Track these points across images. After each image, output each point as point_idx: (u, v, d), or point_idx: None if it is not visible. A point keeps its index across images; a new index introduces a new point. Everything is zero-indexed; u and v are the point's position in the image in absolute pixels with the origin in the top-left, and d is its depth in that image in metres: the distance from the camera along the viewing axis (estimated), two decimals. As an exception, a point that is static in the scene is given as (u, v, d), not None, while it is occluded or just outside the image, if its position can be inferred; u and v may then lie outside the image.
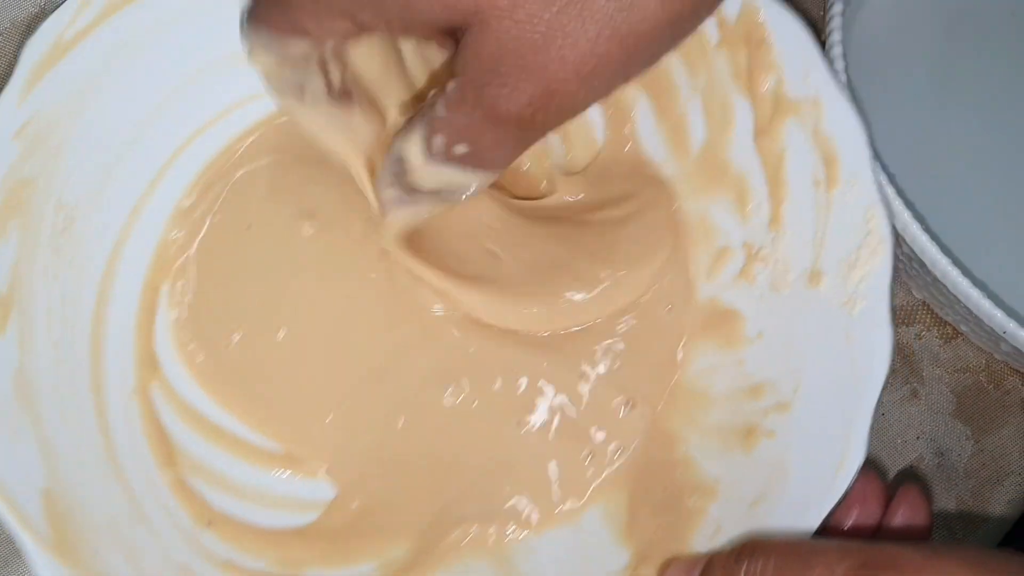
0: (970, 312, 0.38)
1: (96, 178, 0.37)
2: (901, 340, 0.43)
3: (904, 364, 0.43)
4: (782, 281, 0.37)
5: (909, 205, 0.37)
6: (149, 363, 0.38)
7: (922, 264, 0.38)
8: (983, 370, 0.43)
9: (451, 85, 0.28)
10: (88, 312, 0.37)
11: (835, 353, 0.36)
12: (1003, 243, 0.42)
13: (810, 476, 0.35)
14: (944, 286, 0.38)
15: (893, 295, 0.35)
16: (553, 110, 0.27)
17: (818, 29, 0.39)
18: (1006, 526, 0.42)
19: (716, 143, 0.38)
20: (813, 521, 0.34)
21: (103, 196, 0.38)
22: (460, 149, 0.29)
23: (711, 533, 0.36)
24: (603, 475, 0.38)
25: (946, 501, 0.42)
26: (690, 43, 0.36)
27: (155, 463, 0.37)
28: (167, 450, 0.37)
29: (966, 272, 0.37)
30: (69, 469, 0.35)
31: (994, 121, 0.44)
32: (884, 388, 0.42)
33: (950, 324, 0.43)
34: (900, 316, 0.43)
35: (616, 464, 0.38)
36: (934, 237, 0.37)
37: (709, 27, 0.37)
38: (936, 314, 0.43)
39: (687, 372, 0.39)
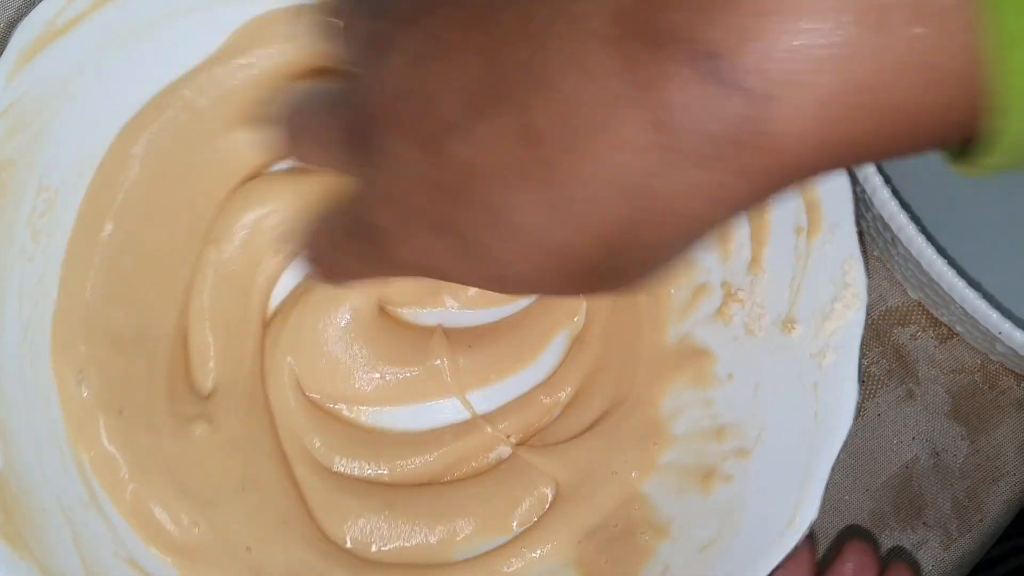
0: (966, 313, 0.38)
1: (81, 163, 0.37)
2: (897, 341, 0.43)
3: (900, 365, 0.43)
4: (756, 325, 0.37)
5: (905, 206, 0.37)
6: None
7: (918, 265, 0.38)
8: (978, 370, 0.43)
9: None
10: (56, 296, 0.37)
11: (801, 404, 0.36)
12: (998, 244, 0.42)
13: (762, 527, 0.35)
14: (940, 287, 0.38)
15: (863, 353, 0.36)
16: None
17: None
18: (1001, 526, 0.42)
19: None
20: (760, 573, 0.34)
21: (86, 182, 0.37)
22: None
23: (659, 572, 0.36)
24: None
25: (941, 501, 0.42)
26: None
27: None
28: None
29: (962, 273, 0.37)
30: (24, 450, 0.35)
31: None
32: (880, 389, 0.42)
33: (945, 325, 0.43)
34: (896, 317, 0.43)
35: None
36: (930, 239, 0.37)
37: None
38: (931, 315, 0.43)
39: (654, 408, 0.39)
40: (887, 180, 0.37)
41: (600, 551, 0.37)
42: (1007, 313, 0.37)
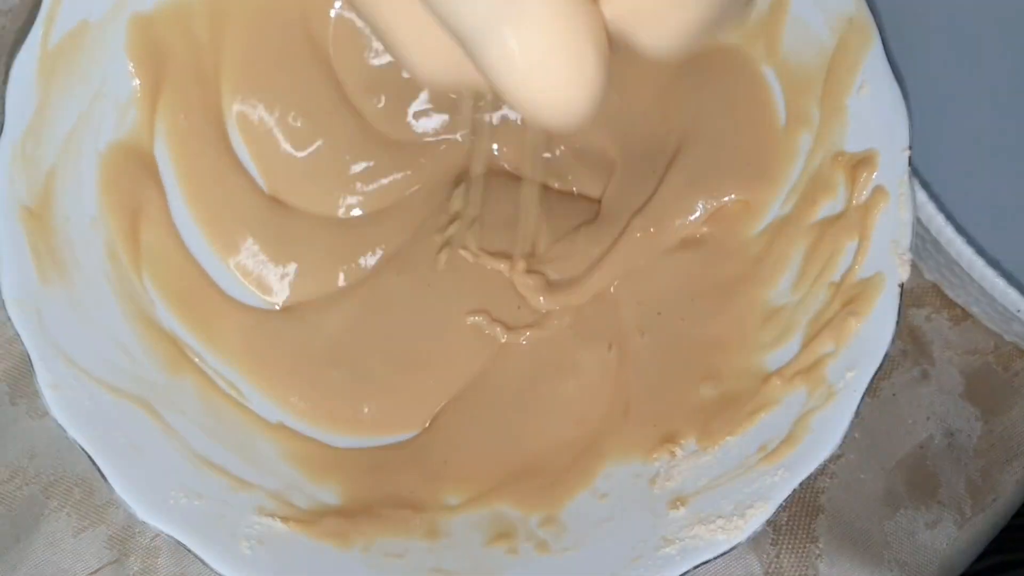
0: (983, 292, 0.38)
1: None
2: (911, 322, 0.44)
3: (914, 346, 0.43)
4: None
5: (925, 185, 0.38)
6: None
7: (936, 244, 0.38)
8: (992, 352, 0.43)
9: None
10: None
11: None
12: (1015, 224, 0.42)
13: None
14: (959, 266, 0.38)
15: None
16: None
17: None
18: (1015, 506, 0.43)
19: None
20: None
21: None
22: None
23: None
24: None
25: (955, 481, 0.42)
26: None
27: None
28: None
29: (980, 252, 0.38)
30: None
31: (1012, 100, 0.45)
32: (895, 369, 0.43)
33: (960, 307, 0.43)
34: (911, 298, 0.44)
35: None
36: (949, 217, 0.38)
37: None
38: (946, 296, 0.44)
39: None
40: (908, 160, 0.37)
41: None
42: (1025, 292, 0.37)
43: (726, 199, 0.41)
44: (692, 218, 0.41)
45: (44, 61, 0.36)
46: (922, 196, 0.38)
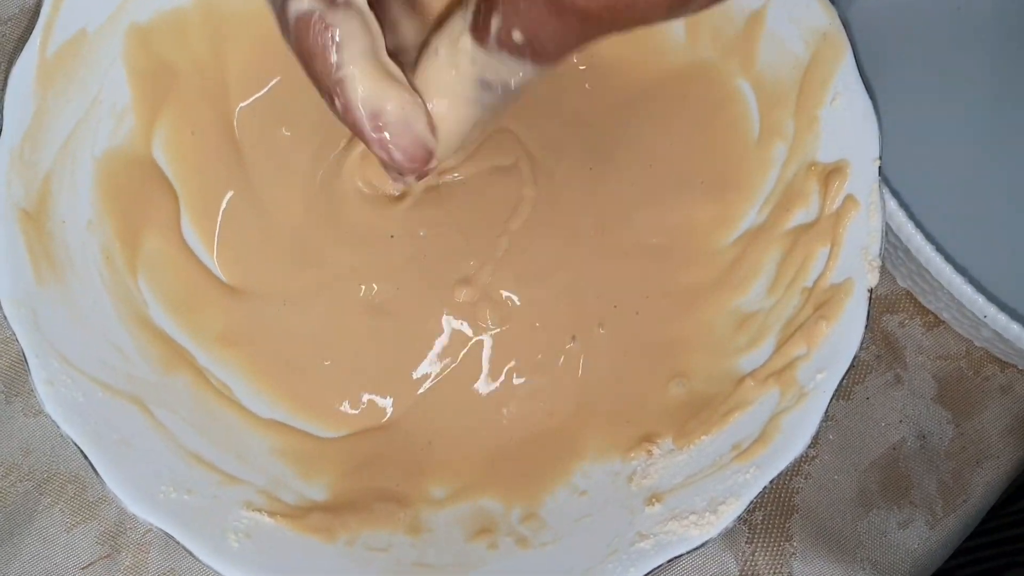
0: (952, 299, 0.39)
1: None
2: (885, 328, 0.45)
3: (888, 351, 0.44)
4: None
5: (895, 194, 0.39)
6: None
7: (907, 252, 0.40)
8: (964, 357, 0.45)
9: None
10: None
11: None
12: (984, 232, 0.44)
13: None
14: (928, 273, 0.39)
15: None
16: (623, 9, 0.26)
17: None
18: (985, 507, 0.44)
19: None
20: None
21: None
22: (517, 36, 0.28)
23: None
24: None
25: (927, 482, 0.43)
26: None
27: None
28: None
29: (949, 259, 0.39)
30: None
31: (979, 112, 0.46)
32: (869, 373, 0.44)
33: (932, 313, 0.45)
34: (884, 304, 0.45)
35: None
36: (919, 225, 0.39)
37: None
38: (919, 303, 0.45)
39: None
40: (879, 173, 0.39)
41: None
42: (991, 298, 0.39)
43: (693, 211, 0.43)
44: (652, 225, 0.43)
45: (42, 68, 0.37)
46: (892, 204, 0.39)
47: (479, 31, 0.29)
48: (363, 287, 0.41)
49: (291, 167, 0.43)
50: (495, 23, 0.28)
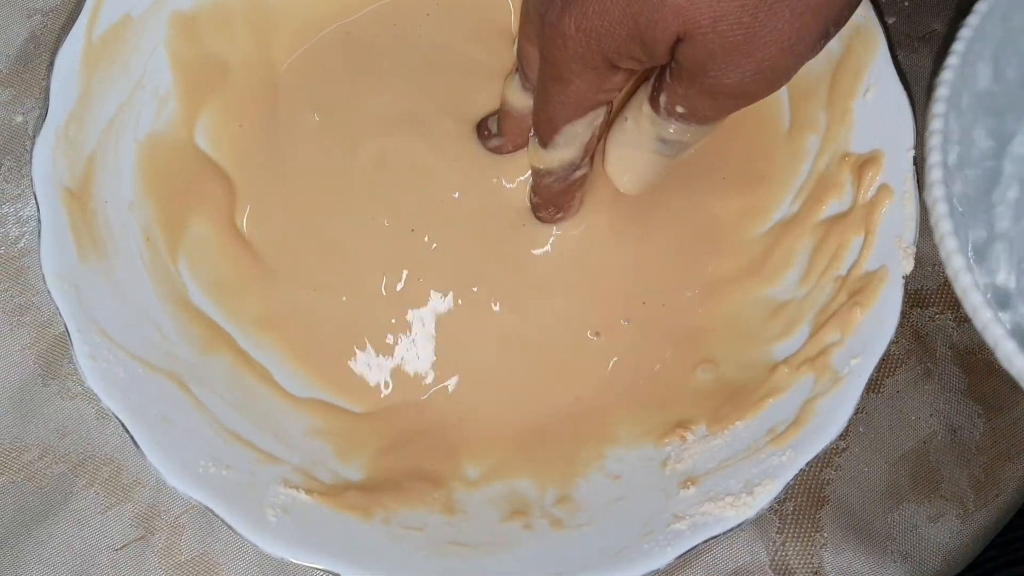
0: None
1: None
2: (916, 322, 0.45)
3: (918, 345, 0.45)
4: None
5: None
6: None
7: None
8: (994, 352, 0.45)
9: (674, 66, 0.34)
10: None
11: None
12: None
13: None
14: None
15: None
16: (763, 83, 0.32)
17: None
18: (1017, 502, 0.43)
19: None
20: None
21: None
22: (680, 109, 0.35)
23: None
24: None
25: (958, 476, 0.43)
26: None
27: None
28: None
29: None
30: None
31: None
32: (899, 367, 0.44)
33: (963, 307, 0.45)
34: (915, 299, 0.45)
35: None
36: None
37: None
38: (950, 297, 0.45)
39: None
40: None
41: None
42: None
43: (723, 203, 0.43)
44: (682, 217, 0.43)
45: (88, 51, 0.38)
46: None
47: (654, 103, 0.36)
48: (386, 277, 0.42)
49: (323, 155, 0.43)
50: (663, 99, 0.35)
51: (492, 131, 0.43)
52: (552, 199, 0.41)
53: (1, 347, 0.42)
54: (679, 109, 0.35)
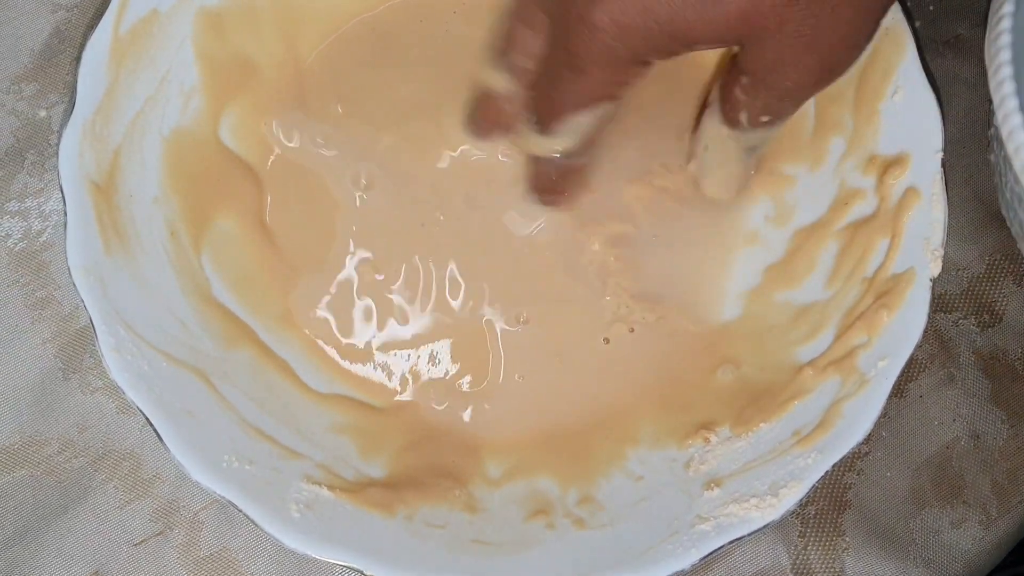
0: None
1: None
2: (939, 326, 0.45)
3: (941, 349, 0.44)
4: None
5: None
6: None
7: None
8: (1019, 358, 0.44)
9: (744, 80, 0.35)
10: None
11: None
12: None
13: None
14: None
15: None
16: (832, 78, 0.34)
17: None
18: (1041, 509, 0.43)
19: None
20: None
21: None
22: (764, 118, 0.36)
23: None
24: None
25: (981, 482, 0.43)
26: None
27: None
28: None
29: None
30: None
31: None
32: (922, 372, 0.44)
33: (987, 312, 0.44)
34: (939, 303, 0.45)
35: None
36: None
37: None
38: (974, 302, 0.45)
39: None
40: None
41: None
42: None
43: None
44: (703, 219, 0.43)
45: (116, 45, 0.38)
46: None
47: (734, 123, 0.37)
48: (406, 274, 0.42)
49: (344, 152, 0.43)
50: (744, 116, 0.36)
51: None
52: (548, 186, 0.41)
53: (22, 341, 0.42)
54: (763, 118, 0.36)
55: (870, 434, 0.38)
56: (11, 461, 0.41)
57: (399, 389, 0.41)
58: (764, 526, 0.35)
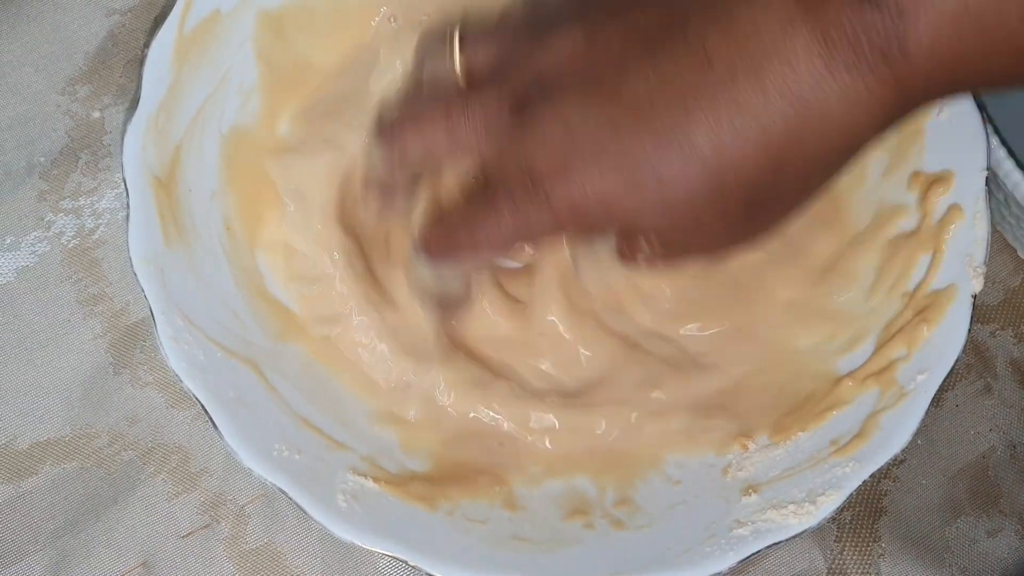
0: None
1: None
2: (976, 337, 0.45)
3: (979, 360, 0.45)
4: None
5: (1021, 166, 0.39)
6: None
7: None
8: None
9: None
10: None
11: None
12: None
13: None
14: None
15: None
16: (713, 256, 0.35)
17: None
18: (1076, 520, 0.44)
19: None
20: None
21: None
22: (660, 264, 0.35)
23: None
24: None
25: (1018, 492, 0.43)
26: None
27: None
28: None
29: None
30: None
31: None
32: (959, 382, 0.44)
33: (1024, 325, 0.45)
34: (977, 314, 0.45)
35: None
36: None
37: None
38: (1011, 313, 0.45)
39: None
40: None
41: None
42: None
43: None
44: None
45: (180, 43, 0.39)
46: (1018, 176, 0.39)
47: (627, 260, 0.35)
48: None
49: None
50: (640, 258, 0.34)
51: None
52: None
53: (74, 336, 0.43)
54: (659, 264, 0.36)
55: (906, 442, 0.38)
56: (62, 453, 0.42)
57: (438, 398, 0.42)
58: (801, 532, 0.36)
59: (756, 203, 0.30)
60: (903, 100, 0.28)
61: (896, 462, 0.43)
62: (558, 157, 0.31)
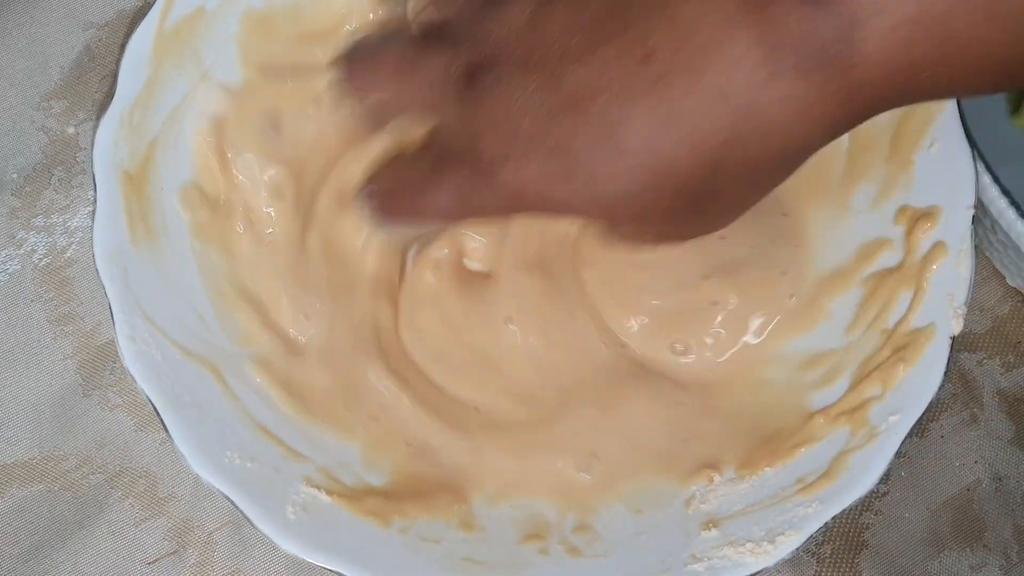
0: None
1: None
2: (963, 366, 0.44)
3: (964, 389, 0.44)
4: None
5: (1005, 193, 0.39)
6: None
7: (1017, 250, 0.40)
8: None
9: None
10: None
11: None
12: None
13: None
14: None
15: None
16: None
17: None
18: (1062, 555, 0.43)
19: None
20: None
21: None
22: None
23: None
24: None
25: (1003, 526, 0.42)
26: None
27: None
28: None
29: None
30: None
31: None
32: (944, 412, 0.43)
33: (1012, 353, 0.44)
34: (963, 343, 0.44)
35: None
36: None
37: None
38: (998, 342, 0.44)
39: None
40: (988, 167, 0.39)
41: None
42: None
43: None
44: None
45: (160, 38, 0.39)
46: (1003, 203, 0.39)
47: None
48: None
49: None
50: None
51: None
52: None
53: (44, 356, 0.43)
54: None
55: (888, 473, 0.37)
56: (29, 475, 0.41)
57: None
58: (757, 572, 0.35)
59: (697, 199, 0.29)
60: (855, 107, 0.27)
61: (879, 495, 0.43)
62: (502, 142, 0.31)
